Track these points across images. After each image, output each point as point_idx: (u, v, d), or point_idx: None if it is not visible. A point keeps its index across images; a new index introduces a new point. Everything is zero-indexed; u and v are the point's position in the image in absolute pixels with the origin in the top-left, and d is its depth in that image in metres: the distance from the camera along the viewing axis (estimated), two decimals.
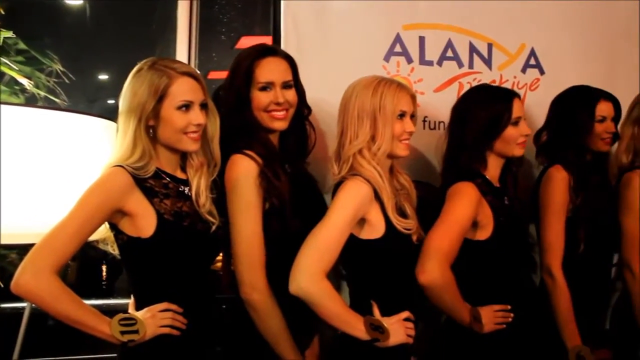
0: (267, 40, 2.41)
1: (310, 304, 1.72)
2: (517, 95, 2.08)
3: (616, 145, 2.41)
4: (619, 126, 2.40)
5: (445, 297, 1.86)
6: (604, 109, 2.29)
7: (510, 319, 1.97)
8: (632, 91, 2.49)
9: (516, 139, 2.04)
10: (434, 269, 1.79)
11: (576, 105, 2.30)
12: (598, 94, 2.31)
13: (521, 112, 2.06)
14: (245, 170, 1.79)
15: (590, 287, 2.28)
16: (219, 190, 1.80)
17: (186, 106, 1.67)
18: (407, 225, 1.85)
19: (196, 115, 1.68)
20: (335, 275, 2.13)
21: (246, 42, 2.97)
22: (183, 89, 1.67)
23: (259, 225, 1.79)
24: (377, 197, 1.82)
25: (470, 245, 1.95)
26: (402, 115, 1.86)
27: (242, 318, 1.80)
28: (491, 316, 1.94)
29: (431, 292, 1.83)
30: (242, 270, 1.78)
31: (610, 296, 2.55)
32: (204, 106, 1.72)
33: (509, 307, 1.98)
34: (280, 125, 1.90)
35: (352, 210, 1.79)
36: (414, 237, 1.88)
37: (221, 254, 2.02)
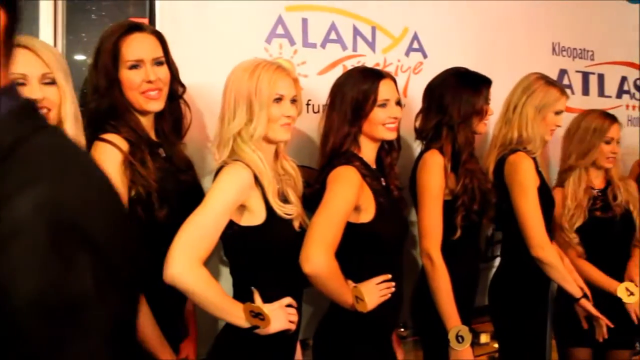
0: (143, 22, 2.27)
1: (185, 292, 1.65)
2: (386, 77, 2.06)
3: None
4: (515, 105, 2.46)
5: (330, 284, 1.83)
6: None
7: (393, 289, 1.97)
8: (511, 75, 2.58)
9: (382, 121, 2.02)
10: (318, 258, 1.76)
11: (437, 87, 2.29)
12: None
13: (391, 94, 2.04)
14: (107, 158, 1.69)
15: (468, 268, 2.32)
16: None
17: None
18: (289, 210, 1.81)
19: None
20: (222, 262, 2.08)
21: None
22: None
23: None
24: (258, 182, 1.77)
25: (354, 228, 1.94)
26: (279, 99, 1.81)
27: None
28: (373, 291, 1.92)
29: (316, 280, 1.80)
30: None
31: (486, 273, 2.65)
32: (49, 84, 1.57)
33: (390, 276, 1.96)
34: (156, 106, 1.81)
35: (231, 195, 1.73)
36: (296, 224, 1.84)
37: None
